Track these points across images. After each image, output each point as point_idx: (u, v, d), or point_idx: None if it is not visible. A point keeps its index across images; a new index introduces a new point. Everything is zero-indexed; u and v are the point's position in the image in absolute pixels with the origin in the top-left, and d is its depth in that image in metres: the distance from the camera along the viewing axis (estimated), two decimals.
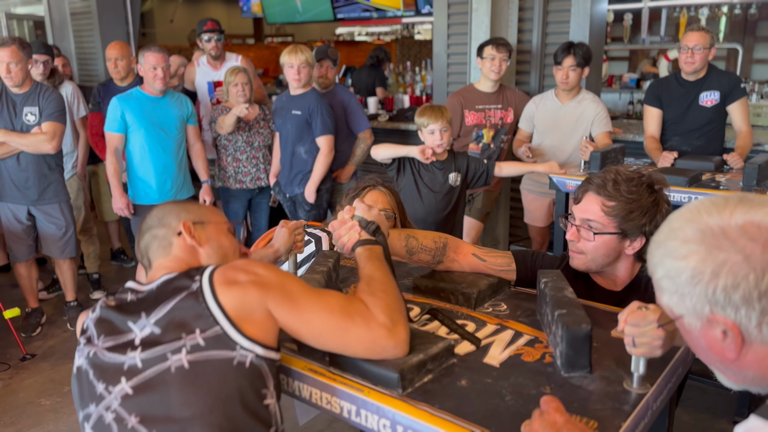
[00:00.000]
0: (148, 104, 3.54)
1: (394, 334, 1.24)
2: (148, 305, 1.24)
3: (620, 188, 1.64)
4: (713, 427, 2.71)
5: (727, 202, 0.90)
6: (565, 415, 1.00)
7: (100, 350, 1.22)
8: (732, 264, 0.85)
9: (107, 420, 1.16)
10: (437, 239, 1.75)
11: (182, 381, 1.14)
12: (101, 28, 6.56)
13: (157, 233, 1.38)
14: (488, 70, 3.59)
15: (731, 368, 0.92)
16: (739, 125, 3.35)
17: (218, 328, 1.17)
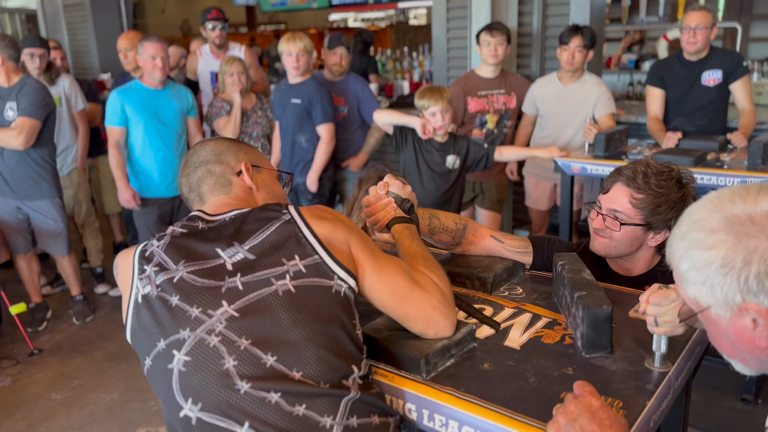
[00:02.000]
0: (147, 97, 3.51)
1: (450, 313, 1.30)
2: (233, 234, 1.23)
3: (650, 181, 1.64)
4: (722, 405, 2.74)
5: (748, 190, 0.90)
6: (600, 399, 1.01)
7: (185, 275, 1.19)
8: (763, 250, 0.84)
9: (212, 343, 1.12)
10: (458, 221, 1.76)
11: (290, 304, 1.15)
12: (94, 20, 6.50)
13: (213, 169, 1.38)
14: (486, 56, 3.58)
15: (759, 357, 0.91)
16: (743, 104, 3.35)
17: (317, 257, 1.20)
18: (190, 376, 1.12)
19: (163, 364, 1.14)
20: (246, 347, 1.12)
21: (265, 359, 1.11)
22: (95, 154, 4.47)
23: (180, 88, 3.66)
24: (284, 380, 1.10)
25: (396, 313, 1.28)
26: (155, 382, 1.17)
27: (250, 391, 1.09)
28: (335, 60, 3.77)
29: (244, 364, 1.11)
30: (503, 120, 3.72)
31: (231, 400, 1.09)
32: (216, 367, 1.11)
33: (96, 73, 6.42)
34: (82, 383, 3.15)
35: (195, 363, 1.12)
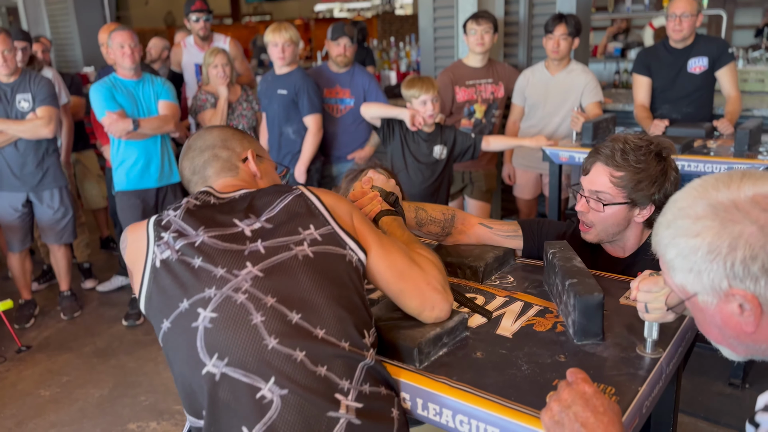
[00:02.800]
0: (125, 88, 3.46)
1: (446, 293, 1.33)
2: (246, 208, 1.26)
3: (628, 158, 1.63)
4: (710, 390, 2.76)
5: (732, 176, 0.90)
6: (593, 386, 1.01)
7: (206, 239, 1.20)
8: (748, 235, 0.84)
9: (239, 300, 1.14)
10: (445, 211, 1.76)
11: (310, 268, 1.18)
12: (77, 12, 6.42)
13: (220, 153, 1.41)
14: (473, 45, 3.57)
15: (745, 342, 0.92)
16: (728, 90, 3.37)
17: (330, 227, 1.25)
18: (217, 331, 1.12)
19: (185, 324, 1.15)
20: (272, 304, 1.14)
21: (291, 316, 1.13)
22: (80, 148, 4.42)
23: (152, 76, 3.59)
24: (309, 338, 1.12)
25: (392, 288, 1.29)
26: (173, 345, 1.17)
27: (278, 347, 1.10)
28: (339, 51, 3.70)
29: (271, 320, 1.13)
30: (491, 109, 3.71)
31: (259, 355, 1.10)
32: (244, 323, 1.12)
33: (79, 67, 6.34)
34: (71, 379, 3.13)
35: (222, 319, 1.13)
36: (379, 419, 1.12)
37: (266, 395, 1.08)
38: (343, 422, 1.08)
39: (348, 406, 1.10)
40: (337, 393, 1.10)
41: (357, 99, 3.76)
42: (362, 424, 1.09)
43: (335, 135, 3.81)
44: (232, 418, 1.08)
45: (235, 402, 1.09)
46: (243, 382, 1.09)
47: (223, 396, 1.10)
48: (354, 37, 3.74)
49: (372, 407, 1.12)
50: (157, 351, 3.35)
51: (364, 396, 1.13)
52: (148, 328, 3.61)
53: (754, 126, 2.85)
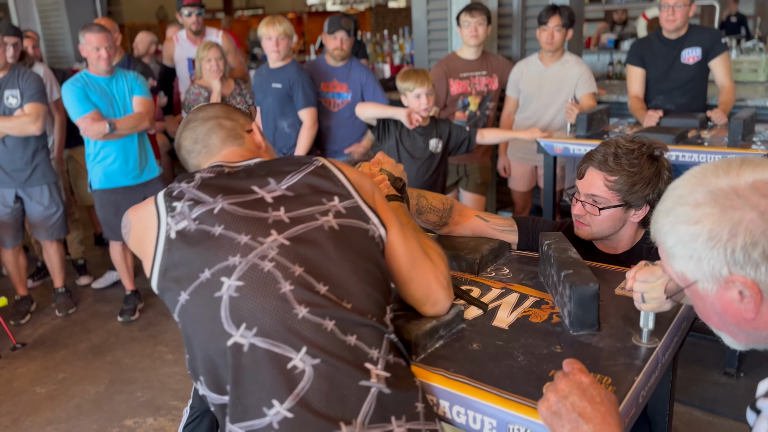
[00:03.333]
0: (98, 86, 3.41)
1: (449, 293, 1.33)
2: (265, 174, 1.22)
3: (621, 162, 1.66)
4: (706, 379, 2.78)
5: (731, 163, 0.90)
6: (590, 376, 1.01)
7: (225, 206, 1.16)
8: (748, 222, 0.84)
9: (266, 268, 1.10)
10: (444, 201, 1.77)
11: (336, 239, 1.16)
12: (67, 7, 6.37)
13: (224, 123, 1.38)
14: (467, 37, 3.56)
15: (746, 329, 0.92)
16: (722, 81, 3.37)
17: (353, 200, 1.22)
18: (244, 300, 1.08)
19: (207, 294, 1.10)
20: (300, 274, 1.11)
21: (318, 287, 1.11)
22: (72, 144, 4.38)
23: (128, 73, 3.55)
24: (338, 308, 1.10)
25: (403, 275, 1.27)
26: (193, 318, 1.12)
27: (308, 316, 1.07)
28: (336, 44, 3.66)
29: (300, 289, 1.09)
30: (485, 102, 3.71)
31: (289, 325, 1.06)
32: (273, 291, 1.08)
33: (71, 62, 6.30)
34: (66, 376, 3.12)
35: (249, 287, 1.09)
36: (405, 388, 1.10)
37: (298, 365, 1.04)
38: (374, 391, 1.06)
39: (378, 375, 1.08)
40: (367, 362, 1.08)
41: (354, 93, 3.74)
42: (392, 393, 1.07)
43: (332, 129, 3.80)
44: (260, 391, 1.04)
45: (265, 373, 1.04)
46: (273, 352, 1.05)
47: (251, 368, 1.05)
48: (351, 30, 3.71)
49: (398, 376, 1.11)
50: (153, 347, 3.34)
51: (390, 366, 1.11)
52: (143, 324, 3.61)
53: (747, 116, 2.86)
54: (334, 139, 3.83)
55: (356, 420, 1.02)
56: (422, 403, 1.10)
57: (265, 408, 1.02)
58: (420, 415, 1.08)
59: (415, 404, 1.09)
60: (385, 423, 1.04)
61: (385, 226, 1.25)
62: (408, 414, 1.06)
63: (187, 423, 2.07)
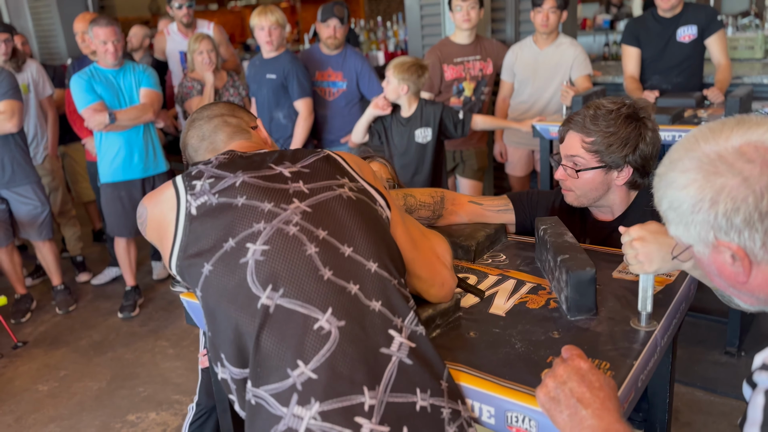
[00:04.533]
0: (106, 79, 3.41)
1: (453, 274, 1.34)
2: (278, 158, 1.24)
3: (598, 123, 1.64)
4: (707, 359, 2.78)
5: (724, 125, 0.89)
6: (588, 361, 1.00)
7: (247, 179, 1.17)
8: (730, 188, 0.84)
9: (291, 232, 1.11)
10: (434, 194, 1.75)
11: (354, 208, 1.18)
12: (58, 3, 6.30)
13: (229, 120, 1.40)
14: (459, 21, 3.53)
15: (744, 291, 0.93)
16: (718, 58, 3.34)
17: (360, 183, 1.24)
18: (271, 262, 1.08)
19: (232, 262, 1.09)
20: (324, 237, 1.12)
21: (343, 249, 1.12)
22: (67, 141, 4.37)
23: (137, 66, 3.54)
24: (362, 271, 1.11)
25: (407, 256, 1.25)
26: (217, 288, 1.10)
27: (333, 279, 1.08)
28: (329, 33, 3.62)
29: (325, 251, 1.10)
30: (480, 86, 3.68)
31: (315, 286, 1.07)
32: (299, 253, 1.09)
33: (63, 59, 6.24)
34: (68, 373, 3.12)
35: (275, 250, 1.09)
36: (430, 363, 1.08)
37: (324, 326, 1.03)
38: (395, 360, 1.04)
39: (401, 344, 1.06)
40: (391, 329, 1.07)
41: (349, 82, 3.71)
42: (414, 364, 1.05)
43: (328, 119, 3.78)
44: (286, 352, 1.02)
45: (290, 335, 1.03)
46: (300, 312, 1.04)
47: (277, 329, 1.04)
48: (344, 17, 3.67)
49: (424, 350, 1.09)
50: (154, 342, 3.34)
51: (416, 337, 1.10)
52: (143, 319, 3.60)
53: (744, 93, 2.83)
54: (330, 128, 3.81)
55: (379, 386, 1.01)
56: (447, 383, 1.08)
57: (289, 369, 1.01)
58: (444, 392, 1.06)
59: (440, 381, 1.07)
60: (409, 393, 1.03)
61: (390, 207, 1.26)
62: (433, 389, 1.05)
63: (193, 420, 2.07)
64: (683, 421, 2.44)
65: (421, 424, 1.01)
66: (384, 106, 2.95)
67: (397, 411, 1.00)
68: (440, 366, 1.10)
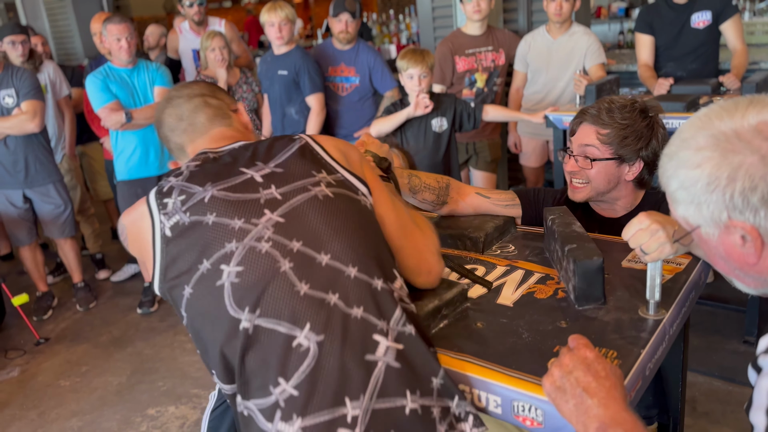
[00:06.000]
0: (121, 77, 3.44)
1: (440, 260, 1.33)
2: (251, 157, 1.20)
3: (614, 115, 1.66)
4: (724, 348, 2.75)
5: (737, 104, 0.88)
6: (595, 351, 1.00)
7: (215, 193, 1.14)
8: (748, 166, 0.83)
9: (263, 249, 1.08)
10: (440, 179, 1.75)
11: (333, 207, 1.15)
12: (74, 4, 6.38)
13: (210, 101, 1.35)
14: (470, 12, 3.51)
15: (751, 273, 0.92)
16: (734, 44, 3.29)
17: (340, 174, 1.21)
18: (245, 283, 1.07)
19: (209, 285, 1.09)
20: (299, 249, 1.09)
21: (320, 258, 1.09)
22: (85, 140, 4.42)
23: (150, 64, 3.57)
24: (341, 278, 1.09)
25: (393, 244, 1.24)
26: (199, 310, 1.10)
27: (310, 293, 1.06)
28: (341, 27, 3.61)
29: (300, 265, 1.08)
30: (493, 78, 3.66)
31: (291, 303, 1.05)
32: (272, 271, 1.07)
33: (80, 59, 6.32)
34: (89, 369, 3.18)
35: (249, 271, 1.08)
36: (421, 362, 1.06)
37: (302, 342, 1.02)
38: (382, 365, 1.03)
39: (387, 348, 1.04)
40: (376, 334, 1.05)
41: (362, 77, 3.71)
42: (402, 367, 1.04)
43: (340, 113, 3.79)
44: (267, 372, 1.03)
45: (271, 354, 1.03)
46: (278, 331, 1.04)
47: (257, 349, 1.04)
48: (356, 12, 3.66)
49: (413, 348, 1.07)
50: (173, 336, 3.39)
51: (405, 337, 1.08)
52: (162, 314, 3.65)
53: (760, 79, 2.79)
54: (343, 123, 3.81)
55: (364, 395, 1.00)
56: (440, 380, 1.07)
57: (271, 386, 1.02)
58: (434, 390, 1.05)
59: (431, 378, 1.06)
60: (397, 397, 1.02)
61: (373, 194, 1.24)
62: (422, 389, 1.04)
63: (214, 408, 2.09)
64: (701, 411, 2.42)
65: (410, 428, 1.00)
66: (430, 106, 2.91)
67: (385, 417, 1.00)
68: (432, 364, 1.08)
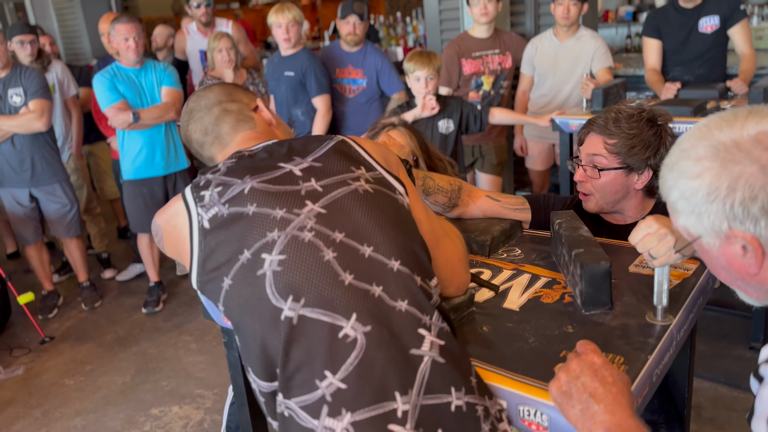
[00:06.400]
0: (128, 77, 3.45)
1: (468, 272, 1.33)
2: (287, 153, 1.19)
3: (621, 125, 1.67)
4: (731, 354, 2.74)
5: (737, 114, 0.88)
6: (602, 356, 1.00)
7: (255, 185, 1.13)
8: (748, 175, 0.83)
9: (306, 239, 1.07)
10: (452, 182, 1.75)
11: (373, 202, 1.14)
12: (83, 5, 6.41)
13: (229, 107, 1.33)
14: (477, 15, 3.51)
15: (752, 284, 0.92)
16: (742, 48, 3.28)
17: (377, 172, 1.20)
18: (289, 272, 1.05)
19: (250, 275, 1.07)
20: (341, 240, 1.08)
21: (363, 250, 1.09)
22: (92, 140, 4.44)
23: (158, 64, 3.58)
24: (383, 271, 1.08)
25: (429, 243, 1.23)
26: (240, 302, 1.08)
27: (354, 283, 1.05)
28: (349, 29, 3.63)
29: (343, 255, 1.07)
30: (499, 80, 3.66)
31: (336, 293, 1.04)
32: (316, 260, 1.06)
33: (88, 59, 6.35)
34: (94, 368, 3.18)
35: (292, 259, 1.06)
36: (460, 359, 1.06)
37: (349, 333, 1.00)
38: (428, 360, 1.02)
39: (432, 342, 1.04)
40: (420, 328, 1.04)
41: (370, 79, 3.72)
42: (446, 363, 1.03)
43: (347, 115, 3.79)
44: (312, 363, 1.00)
45: (317, 345, 1.01)
46: (323, 321, 1.01)
47: (302, 340, 1.02)
48: (364, 14, 3.66)
49: (452, 346, 1.07)
50: (177, 336, 3.39)
51: (444, 333, 1.07)
52: (167, 314, 3.66)
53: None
54: (349, 125, 3.81)
55: (411, 390, 0.98)
56: (475, 378, 1.07)
57: (317, 380, 0.99)
58: (475, 389, 1.05)
59: (470, 377, 1.06)
60: (443, 394, 1.00)
61: (409, 196, 1.23)
62: (466, 387, 1.03)
63: (233, 401, 2.09)
64: (706, 417, 2.41)
65: (456, 426, 0.99)
66: (437, 108, 2.90)
67: (432, 413, 0.98)
68: (468, 362, 1.08)
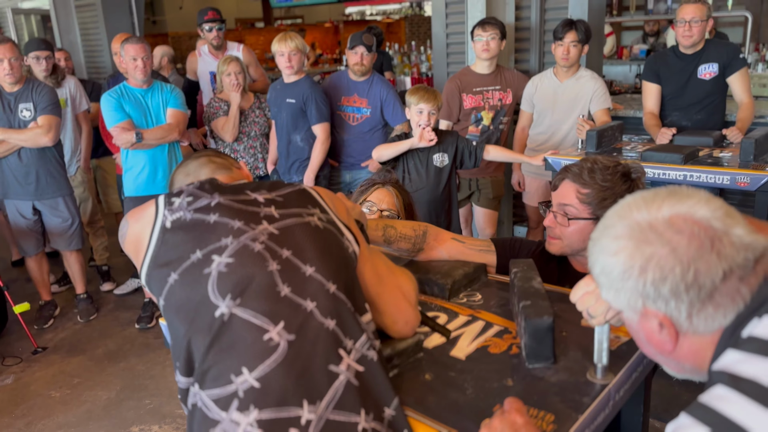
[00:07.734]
0: (135, 97, 3.54)
1: (417, 314, 1.37)
2: (255, 188, 1.30)
3: (595, 176, 1.68)
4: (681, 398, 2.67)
5: (656, 195, 0.91)
6: (525, 416, 1.02)
7: (222, 200, 1.24)
8: (659, 258, 0.86)
9: (256, 249, 1.16)
10: (417, 228, 1.77)
11: (320, 236, 1.23)
12: (106, 20, 6.56)
13: (215, 160, 1.48)
14: (479, 51, 3.56)
15: (671, 359, 0.94)
16: (740, 97, 3.28)
17: (329, 215, 1.30)
18: (232, 273, 1.13)
19: (197, 273, 1.15)
20: (288, 256, 1.17)
21: (305, 269, 1.17)
22: (100, 154, 4.55)
23: (165, 85, 3.67)
24: (320, 291, 1.15)
25: (370, 291, 1.29)
26: (179, 296, 1.15)
27: (290, 296, 1.13)
28: (356, 60, 3.71)
29: (286, 270, 1.15)
30: (499, 116, 3.69)
31: (271, 300, 1.11)
32: (261, 268, 1.14)
33: (109, 73, 6.50)
34: (81, 381, 3.23)
35: (238, 263, 1.14)
36: (377, 390, 1.11)
37: (274, 338, 1.08)
38: (343, 379, 1.08)
39: (349, 365, 1.10)
40: (341, 349, 1.11)
41: (374, 109, 3.78)
42: (360, 386, 1.09)
43: (349, 142, 3.85)
44: (232, 359, 1.07)
45: (240, 342, 1.08)
46: (252, 322, 1.09)
47: (228, 336, 1.08)
48: (372, 45, 3.72)
49: (373, 375, 1.12)
50: (166, 354, 3.43)
51: (366, 361, 1.13)
52: (158, 331, 3.70)
53: (761, 135, 2.77)
54: (351, 152, 3.87)
55: (321, 401, 1.04)
56: (393, 410, 1.10)
57: (233, 375, 1.05)
58: (385, 420, 1.09)
59: (384, 408, 1.10)
60: (352, 413, 1.05)
61: (358, 243, 1.29)
62: (376, 414, 1.08)
63: None
64: None
65: None
66: (434, 140, 2.93)
67: (337, 429, 1.03)
68: (388, 394, 1.12)
